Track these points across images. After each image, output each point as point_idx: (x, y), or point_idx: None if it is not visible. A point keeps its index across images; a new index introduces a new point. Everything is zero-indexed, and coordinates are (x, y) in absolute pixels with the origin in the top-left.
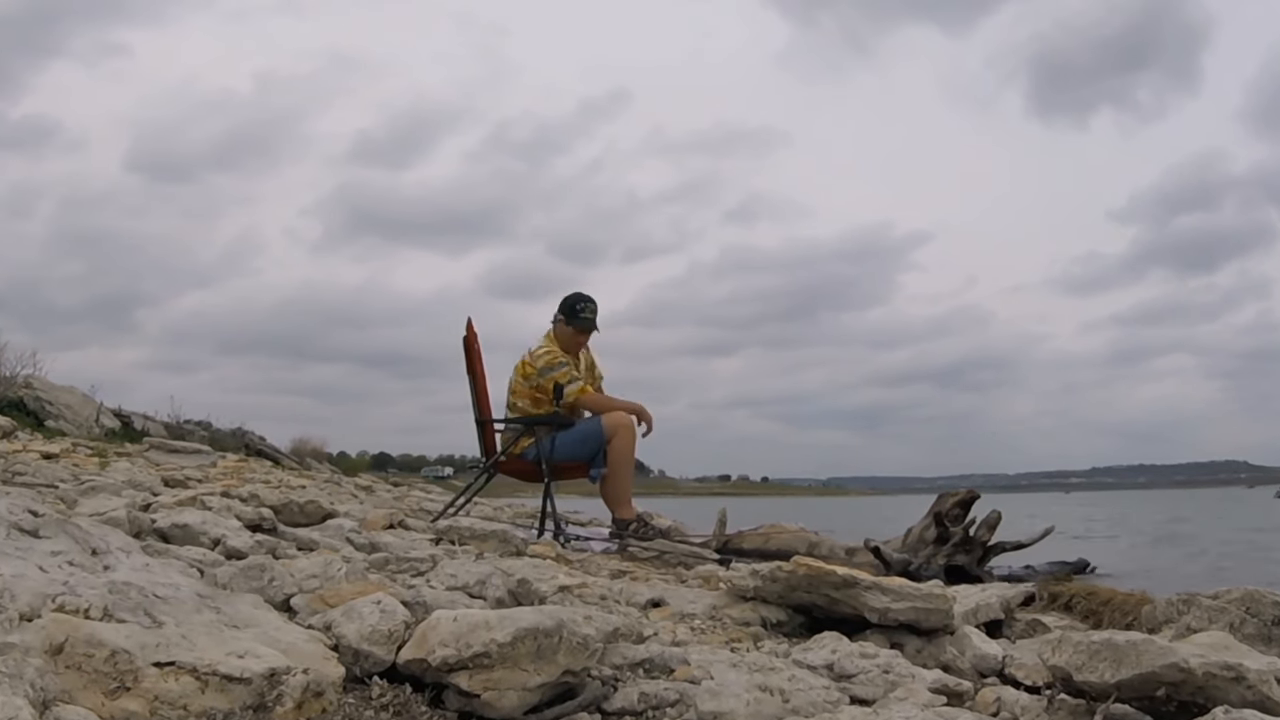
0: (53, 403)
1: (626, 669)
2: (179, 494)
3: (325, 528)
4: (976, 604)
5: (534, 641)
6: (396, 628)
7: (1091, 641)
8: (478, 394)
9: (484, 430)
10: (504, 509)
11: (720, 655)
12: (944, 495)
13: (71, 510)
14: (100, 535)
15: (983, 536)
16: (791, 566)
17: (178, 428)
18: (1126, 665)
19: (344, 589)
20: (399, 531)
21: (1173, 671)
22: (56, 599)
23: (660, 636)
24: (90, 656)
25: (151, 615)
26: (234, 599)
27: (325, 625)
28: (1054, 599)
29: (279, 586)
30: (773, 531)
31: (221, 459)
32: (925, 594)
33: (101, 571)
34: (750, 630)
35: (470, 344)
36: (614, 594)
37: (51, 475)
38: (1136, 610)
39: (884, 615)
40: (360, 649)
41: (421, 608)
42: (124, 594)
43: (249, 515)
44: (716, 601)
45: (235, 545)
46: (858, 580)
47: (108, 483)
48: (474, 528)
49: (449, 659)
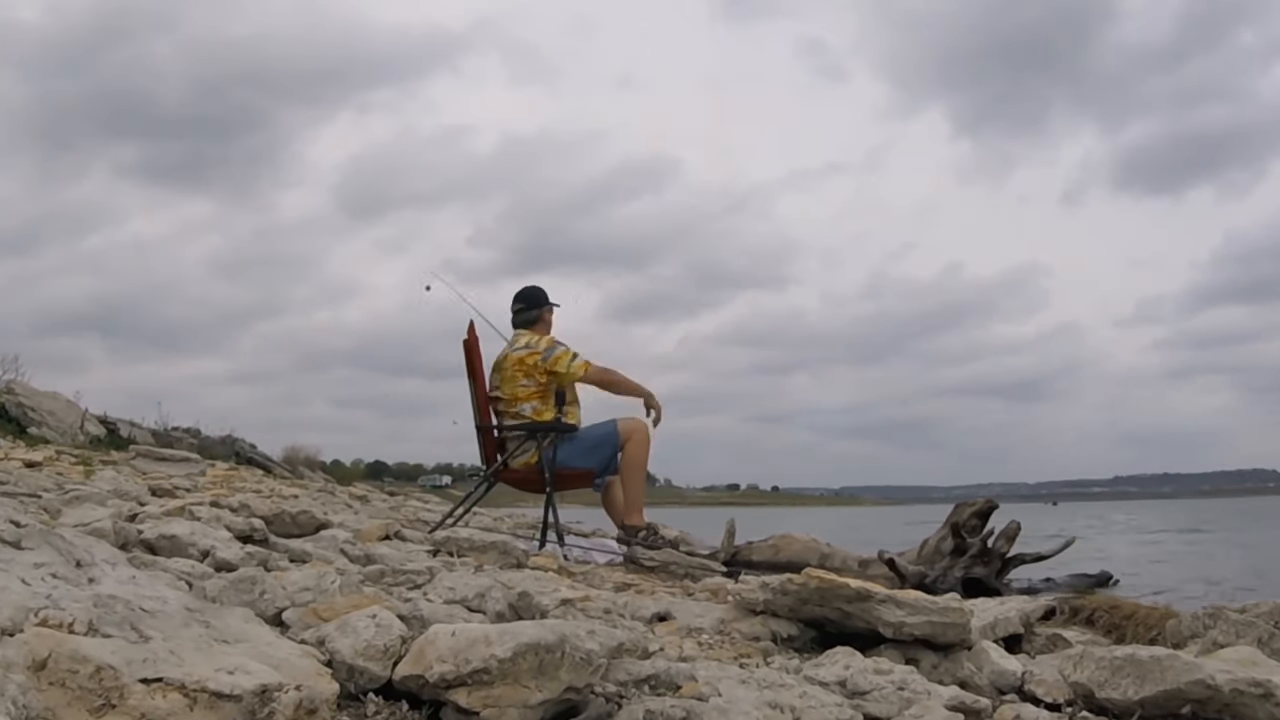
0: (35, 409)
1: (631, 685)
2: (166, 504)
3: (319, 539)
4: (995, 618)
5: (535, 657)
6: (392, 643)
7: (1114, 657)
8: (478, 399)
9: (484, 437)
10: (504, 519)
11: (729, 671)
12: (961, 505)
13: (55, 521)
14: (85, 547)
15: (1001, 548)
16: (803, 579)
17: (165, 435)
18: (1150, 682)
19: (338, 602)
20: (395, 543)
21: (1198, 688)
22: (39, 613)
23: (666, 652)
24: (74, 673)
25: (138, 630)
26: (224, 613)
27: (318, 640)
28: (1075, 613)
29: (270, 600)
30: (783, 543)
31: (211, 467)
32: (941, 608)
33: (86, 584)
34: (760, 645)
35: (471, 347)
36: (618, 608)
37: (34, 484)
38: (1161, 624)
39: (899, 630)
40: (355, 665)
41: (418, 622)
42: (109, 608)
43: (239, 526)
44: (725, 615)
45: (225, 557)
46: (871, 593)
47: (93, 492)
48: (473, 539)
49: (447, 675)
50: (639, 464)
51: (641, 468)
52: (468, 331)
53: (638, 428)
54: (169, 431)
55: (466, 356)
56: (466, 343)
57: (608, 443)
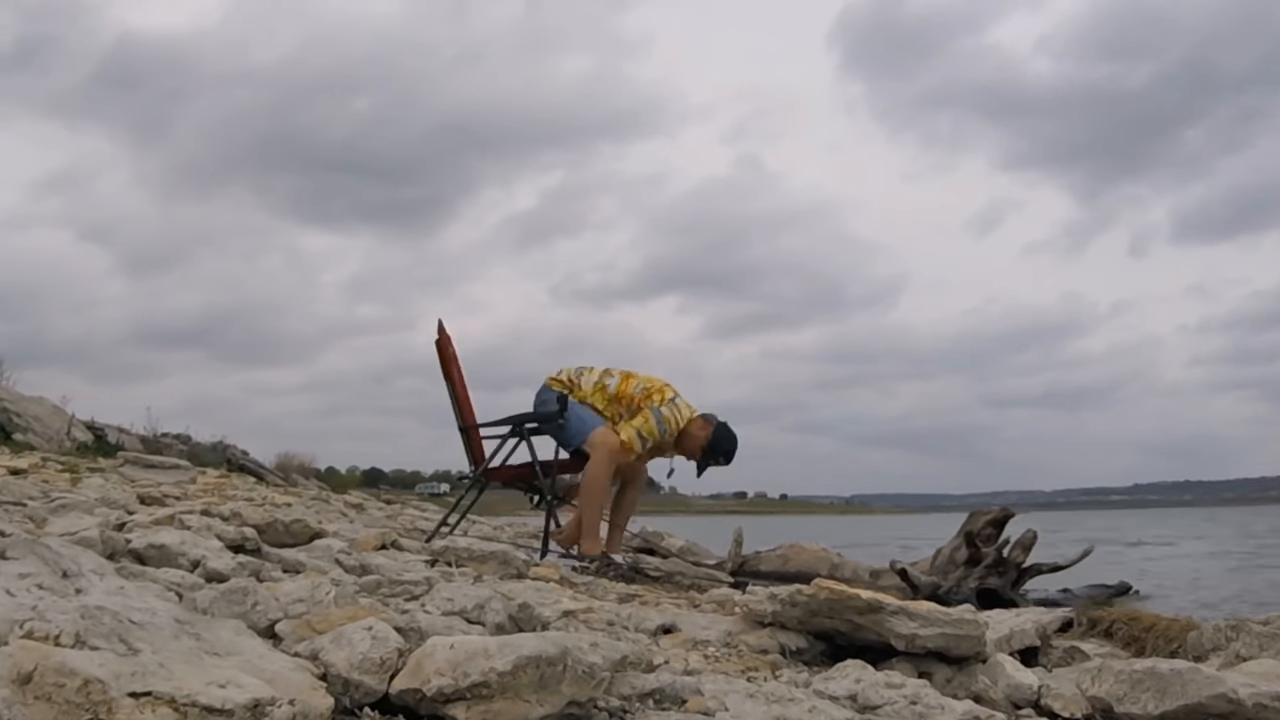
0: (20, 414)
1: (635, 700)
2: (156, 512)
3: (313, 548)
4: (1010, 630)
5: (536, 670)
6: (389, 655)
7: (1134, 670)
8: (458, 400)
9: (469, 438)
10: (504, 528)
11: (736, 685)
12: (976, 514)
13: (41, 530)
14: (71, 556)
15: (1017, 558)
16: (812, 590)
17: (154, 441)
18: (1171, 696)
19: (333, 614)
20: (392, 552)
21: (1221, 702)
22: (25, 625)
23: (671, 665)
24: (61, 686)
25: (126, 642)
26: (215, 625)
27: (312, 653)
28: (1093, 624)
29: (263, 611)
30: (792, 552)
31: (201, 475)
32: (955, 619)
33: (73, 595)
34: (768, 658)
35: (443, 347)
36: (622, 619)
37: (19, 492)
38: (1182, 637)
39: (911, 642)
40: (350, 678)
41: (416, 634)
42: (97, 619)
43: (231, 535)
44: (732, 627)
45: (216, 567)
46: (883, 605)
47: (79, 500)
48: (472, 548)
49: (445, 689)
50: (596, 485)
51: (600, 488)
52: (438, 331)
53: (607, 441)
54: (158, 438)
55: (440, 357)
56: (438, 343)
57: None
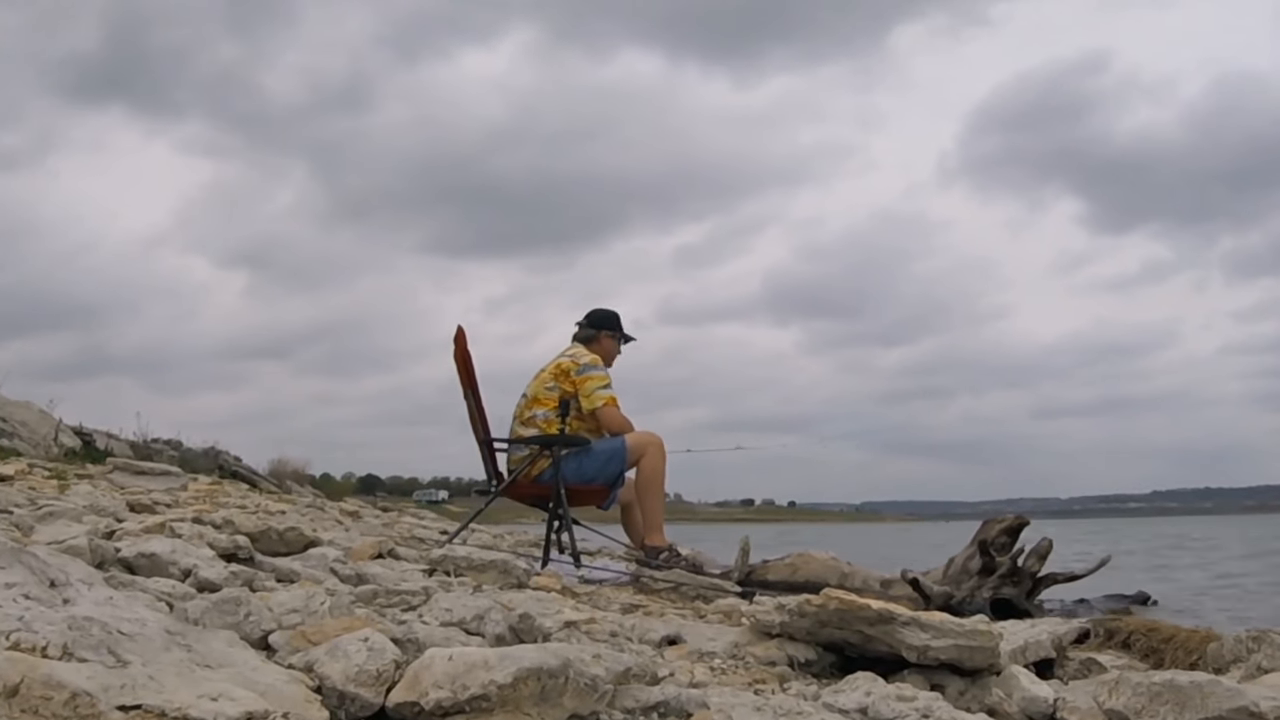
0: (6, 419)
1: (639, 713)
2: (146, 520)
3: (307, 557)
4: (1025, 641)
5: (537, 683)
6: (386, 667)
7: (1152, 683)
8: (478, 412)
9: (487, 450)
10: (504, 536)
11: (743, 698)
12: (989, 521)
13: (28, 538)
14: (59, 565)
15: (1032, 567)
16: (821, 600)
17: (144, 447)
18: (1190, 709)
19: (328, 625)
20: (388, 561)
21: (1242, 716)
22: (11, 636)
23: (677, 677)
24: (48, 699)
25: (115, 653)
26: (206, 636)
27: (307, 665)
28: (1110, 635)
29: (256, 622)
30: (800, 561)
31: (193, 481)
32: (969, 630)
33: (61, 605)
34: (776, 670)
35: (462, 359)
36: (625, 630)
37: (5, 499)
38: (1201, 648)
39: (923, 654)
40: (346, 691)
41: (413, 645)
42: (85, 630)
43: (223, 543)
44: (739, 638)
45: (208, 576)
46: (894, 615)
47: (67, 507)
48: (471, 557)
49: (444, 702)
50: (656, 480)
51: (658, 484)
52: (456, 341)
53: (652, 441)
54: (148, 443)
55: (459, 368)
56: (456, 354)
57: (616, 458)
